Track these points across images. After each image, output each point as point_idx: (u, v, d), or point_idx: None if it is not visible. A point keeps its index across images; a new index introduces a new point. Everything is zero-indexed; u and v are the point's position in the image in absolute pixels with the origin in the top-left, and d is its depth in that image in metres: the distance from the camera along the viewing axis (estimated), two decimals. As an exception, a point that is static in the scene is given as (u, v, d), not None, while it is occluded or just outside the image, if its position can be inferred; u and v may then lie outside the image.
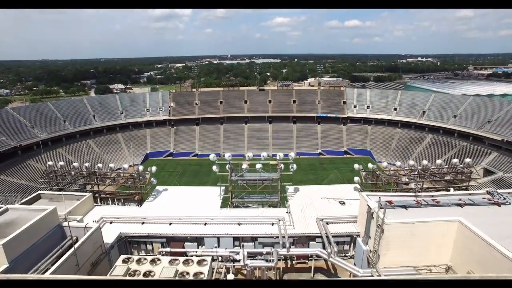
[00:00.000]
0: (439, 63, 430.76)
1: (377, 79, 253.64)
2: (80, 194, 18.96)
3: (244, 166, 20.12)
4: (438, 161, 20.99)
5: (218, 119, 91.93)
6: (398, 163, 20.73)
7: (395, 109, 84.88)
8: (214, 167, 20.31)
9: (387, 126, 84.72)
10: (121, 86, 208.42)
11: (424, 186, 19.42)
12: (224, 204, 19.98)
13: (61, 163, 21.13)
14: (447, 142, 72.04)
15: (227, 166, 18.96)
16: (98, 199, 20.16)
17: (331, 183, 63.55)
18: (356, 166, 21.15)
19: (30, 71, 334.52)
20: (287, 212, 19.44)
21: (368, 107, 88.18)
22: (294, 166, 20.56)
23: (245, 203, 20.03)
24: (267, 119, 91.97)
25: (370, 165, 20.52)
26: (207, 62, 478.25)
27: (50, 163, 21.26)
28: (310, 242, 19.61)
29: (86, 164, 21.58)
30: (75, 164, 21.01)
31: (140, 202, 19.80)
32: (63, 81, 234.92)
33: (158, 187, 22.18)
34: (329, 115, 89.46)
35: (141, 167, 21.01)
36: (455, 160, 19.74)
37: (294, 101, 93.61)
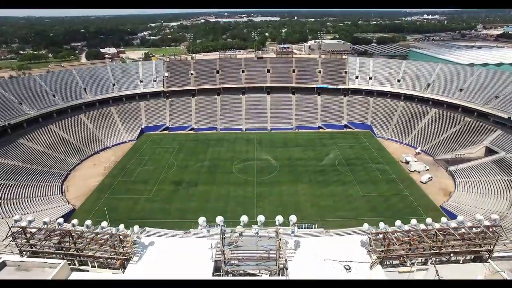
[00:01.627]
0: (446, 21, 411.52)
1: (380, 41, 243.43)
2: (53, 262, 16.88)
3: (238, 230, 18.46)
4: (460, 218, 19.36)
5: (215, 90, 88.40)
6: (414, 221, 19.10)
7: (399, 80, 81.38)
8: (204, 231, 18.69)
9: (389, 98, 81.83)
10: (113, 50, 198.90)
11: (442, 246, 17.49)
12: (216, 268, 18.48)
13: (30, 218, 18.71)
14: (451, 118, 69.99)
15: (219, 230, 17.22)
16: (76, 261, 18.15)
17: (330, 161, 62.83)
18: (365, 226, 19.49)
19: (14, 30, 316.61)
20: None
21: (370, 78, 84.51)
22: (295, 230, 18.90)
23: (239, 271, 18.56)
24: (266, 89, 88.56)
25: (381, 225, 18.85)
26: (203, 21, 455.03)
27: (16, 217, 18.78)
28: None
29: (60, 220, 19.53)
30: (46, 219, 18.76)
31: (123, 264, 18.08)
32: (52, 43, 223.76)
33: (144, 239, 20.30)
34: (330, 86, 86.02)
35: (121, 226, 19.04)
36: (479, 217, 18.03)
37: (294, 71, 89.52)
